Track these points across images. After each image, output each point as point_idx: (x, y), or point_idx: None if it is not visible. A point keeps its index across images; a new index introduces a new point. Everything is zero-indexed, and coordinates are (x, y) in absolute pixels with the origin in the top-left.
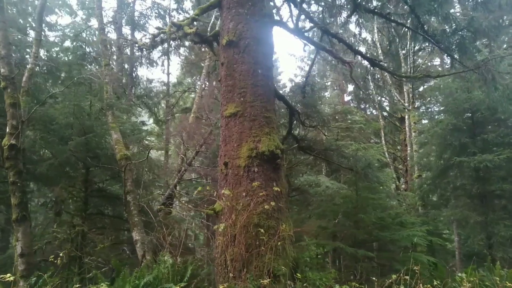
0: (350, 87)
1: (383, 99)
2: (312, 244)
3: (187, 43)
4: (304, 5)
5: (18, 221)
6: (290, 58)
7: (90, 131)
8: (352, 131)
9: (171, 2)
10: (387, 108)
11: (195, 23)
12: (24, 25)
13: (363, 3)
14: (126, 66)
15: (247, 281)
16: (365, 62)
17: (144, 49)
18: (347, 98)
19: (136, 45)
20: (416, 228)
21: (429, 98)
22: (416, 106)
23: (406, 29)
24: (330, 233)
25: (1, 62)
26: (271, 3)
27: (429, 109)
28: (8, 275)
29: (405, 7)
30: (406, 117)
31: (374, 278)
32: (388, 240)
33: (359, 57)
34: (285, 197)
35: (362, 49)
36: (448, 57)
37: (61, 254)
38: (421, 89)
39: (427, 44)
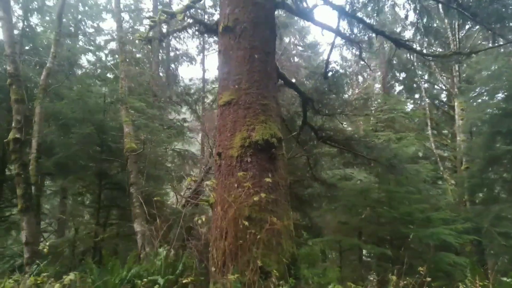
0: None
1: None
2: (322, 240)
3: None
4: None
5: (22, 211)
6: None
7: (100, 125)
8: (393, 121)
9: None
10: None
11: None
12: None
13: None
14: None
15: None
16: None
17: (143, 41)
18: (399, 87)
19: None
20: (451, 226)
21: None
22: (464, 91)
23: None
24: (352, 229)
25: (7, 61)
26: None
27: (477, 94)
28: None
29: None
30: (456, 104)
31: (371, 278)
32: (416, 238)
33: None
34: (284, 189)
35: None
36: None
37: (47, 244)
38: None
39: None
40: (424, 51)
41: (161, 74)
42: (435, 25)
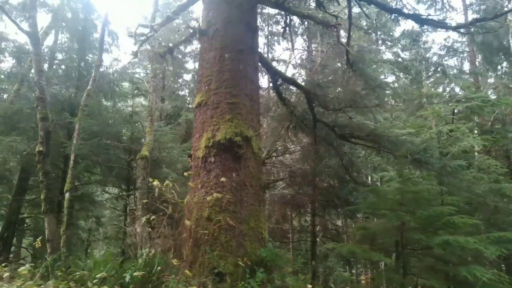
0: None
1: None
2: None
3: None
4: None
5: (45, 212)
6: None
7: (117, 136)
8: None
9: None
10: None
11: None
12: None
13: None
14: None
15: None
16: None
17: (134, 55)
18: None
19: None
20: (489, 234)
21: None
22: None
23: None
24: (369, 234)
25: (35, 87)
26: None
27: None
28: None
29: None
30: None
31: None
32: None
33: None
34: (253, 189)
35: None
36: None
37: (38, 241)
38: None
39: None
40: None
41: None
42: None
